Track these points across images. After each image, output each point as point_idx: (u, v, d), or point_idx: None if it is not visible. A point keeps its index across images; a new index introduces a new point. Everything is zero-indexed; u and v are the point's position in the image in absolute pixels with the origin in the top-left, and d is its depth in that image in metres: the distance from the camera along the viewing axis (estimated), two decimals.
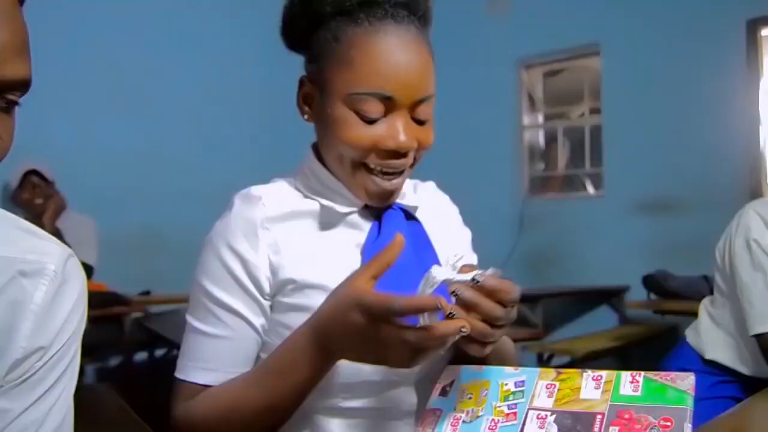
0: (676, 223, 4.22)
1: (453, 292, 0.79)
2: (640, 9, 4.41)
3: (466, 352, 0.84)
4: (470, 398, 0.86)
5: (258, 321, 0.95)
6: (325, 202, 0.99)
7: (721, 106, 4.11)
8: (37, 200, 3.50)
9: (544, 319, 4.24)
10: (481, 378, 0.88)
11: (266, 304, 0.95)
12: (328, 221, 0.99)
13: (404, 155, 0.93)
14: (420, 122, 0.95)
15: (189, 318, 0.97)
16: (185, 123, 4.37)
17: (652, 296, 4.00)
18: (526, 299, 4.28)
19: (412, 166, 0.97)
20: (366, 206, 1.01)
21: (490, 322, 0.80)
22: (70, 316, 0.73)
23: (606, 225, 4.55)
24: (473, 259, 1.15)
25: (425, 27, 0.99)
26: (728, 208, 1.84)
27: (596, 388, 0.79)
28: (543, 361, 3.69)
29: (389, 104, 0.91)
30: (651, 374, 0.79)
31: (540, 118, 5.35)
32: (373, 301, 0.77)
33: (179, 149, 4.32)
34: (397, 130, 0.91)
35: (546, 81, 5.30)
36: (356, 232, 1.00)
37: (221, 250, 0.94)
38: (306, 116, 1.00)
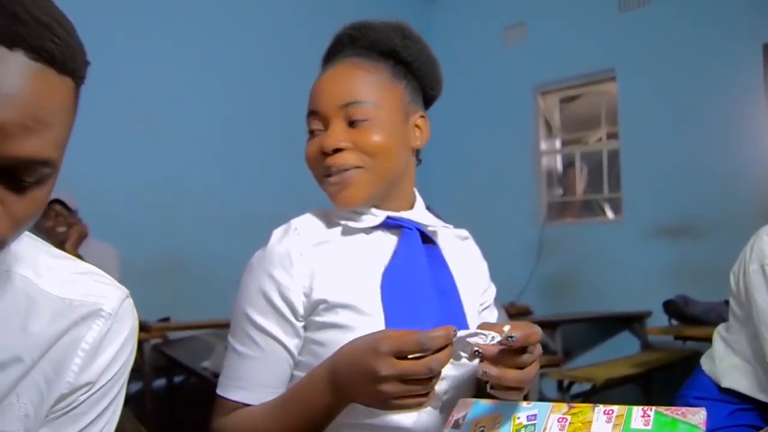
0: (696, 247, 4.18)
1: (476, 351, 0.84)
2: (655, 34, 4.42)
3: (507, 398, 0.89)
4: (482, 430, 0.87)
5: (291, 342, 1.02)
6: (348, 223, 1.07)
7: (739, 130, 4.10)
8: (59, 228, 3.55)
9: (564, 346, 4.21)
10: (494, 411, 0.89)
11: (299, 325, 1.02)
12: (355, 244, 1.07)
13: (339, 153, 1.03)
14: (357, 125, 1.03)
15: (229, 339, 1.05)
16: (205, 152, 4.43)
17: (673, 322, 3.96)
18: (546, 325, 4.25)
19: (363, 167, 1.04)
20: (388, 226, 1.09)
21: (521, 367, 0.86)
22: (118, 355, 0.77)
23: (625, 250, 4.52)
24: (495, 314, 1.22)
25: (369, 52, 1.09)
26: (748, 232, 1.81)
27: (607, 422, 0.80)
28: (563, 388, 3.65)
29: (320, 117, 1.05)
30: (662, 409, 0.79)
31: (557, 144, 5.35)
32: (398, 336, 0.83)
33: (199, 178, 4.37)
34: (326, 135, 1.03)
35: (563, 107, 5.32)
36: (379, 254, 1.07)
37: (259, 276, 1.02)
38: None
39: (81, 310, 0.74)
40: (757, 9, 3.99)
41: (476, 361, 0.85)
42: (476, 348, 0.82)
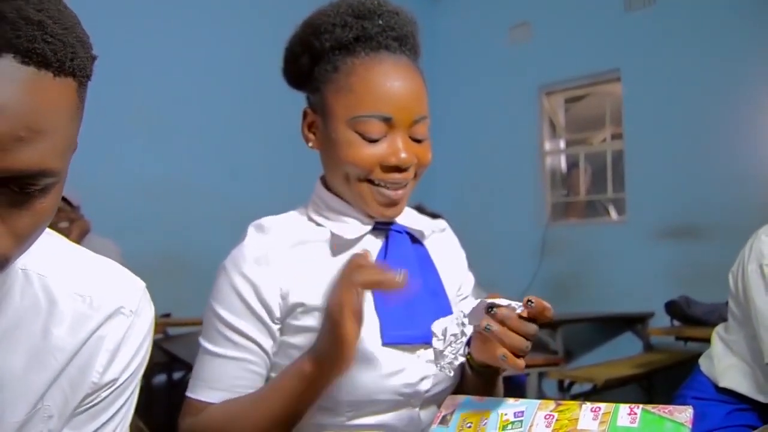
0: (699, 248, 4.16)
1: (492, 307, 0.87)
2: (661, 34, 4.40)
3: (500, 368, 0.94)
4: (470, 427, 0.87)
5: (267, 343, 0.99)
6: (335, 228, 1.03)
7: (745, 131, 4.07)
8: (62, 224, 3.55)
9: (565, 346, 4.19)
10: (481, 408, 0.88)
11: (275, 327, 0.99)
12: (337, 246, 1.03)
13: (406, 170, 1.00)
14: (417, 141, 1.01)
15: (201, 341, 1.02)
16: (208, 150, 4.43)
17: (675, 323, 3.94)
18: (547, 325, 4.24)
19: (413, 180, 1.03)
20: (374, 228, 1.05)
21: (525, 336, 0.86)
22: (138, 351, 0.77)
23: (628, 251, 4.50)
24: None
25: (415, 57, 1.06)
26: (752, 234, 1.81)
27: (594, 419, 0.79)
28: (563, 388, 3.64)
29: (389, 124, 0.98)
30: (649, 407, 0.78)
31: (562, 144, 5.33)
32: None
33: (202, 175, 4.37)
34: (398, 148, 0.98)
35: (567, 107, 5.30)
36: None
37: (233, 276, 0.98)
38: (311, 144, 1.07)
39: (103, 310, 0.73)
40: (764, 8, 3.97)
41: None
42: (493, 306, 0.86)
